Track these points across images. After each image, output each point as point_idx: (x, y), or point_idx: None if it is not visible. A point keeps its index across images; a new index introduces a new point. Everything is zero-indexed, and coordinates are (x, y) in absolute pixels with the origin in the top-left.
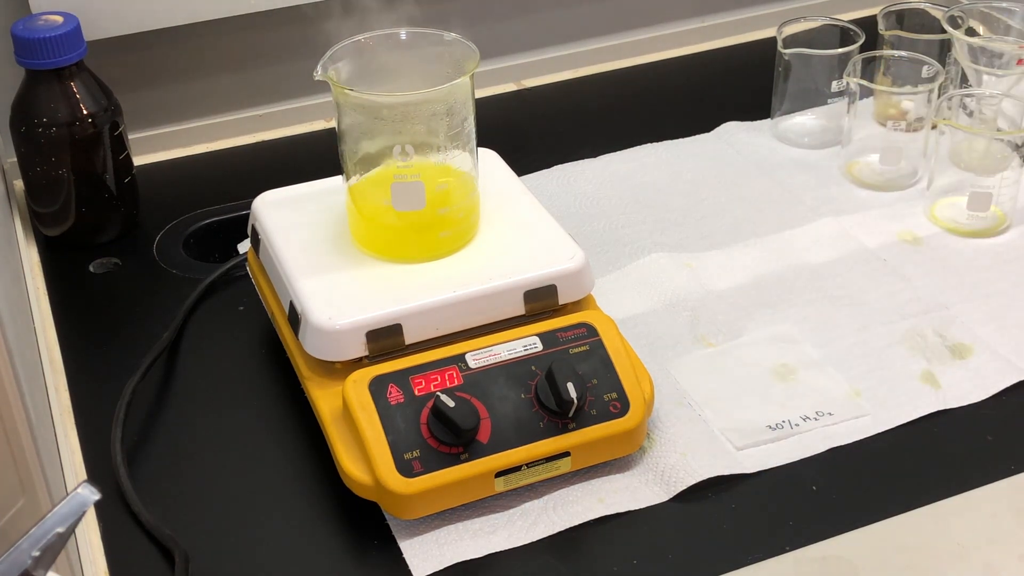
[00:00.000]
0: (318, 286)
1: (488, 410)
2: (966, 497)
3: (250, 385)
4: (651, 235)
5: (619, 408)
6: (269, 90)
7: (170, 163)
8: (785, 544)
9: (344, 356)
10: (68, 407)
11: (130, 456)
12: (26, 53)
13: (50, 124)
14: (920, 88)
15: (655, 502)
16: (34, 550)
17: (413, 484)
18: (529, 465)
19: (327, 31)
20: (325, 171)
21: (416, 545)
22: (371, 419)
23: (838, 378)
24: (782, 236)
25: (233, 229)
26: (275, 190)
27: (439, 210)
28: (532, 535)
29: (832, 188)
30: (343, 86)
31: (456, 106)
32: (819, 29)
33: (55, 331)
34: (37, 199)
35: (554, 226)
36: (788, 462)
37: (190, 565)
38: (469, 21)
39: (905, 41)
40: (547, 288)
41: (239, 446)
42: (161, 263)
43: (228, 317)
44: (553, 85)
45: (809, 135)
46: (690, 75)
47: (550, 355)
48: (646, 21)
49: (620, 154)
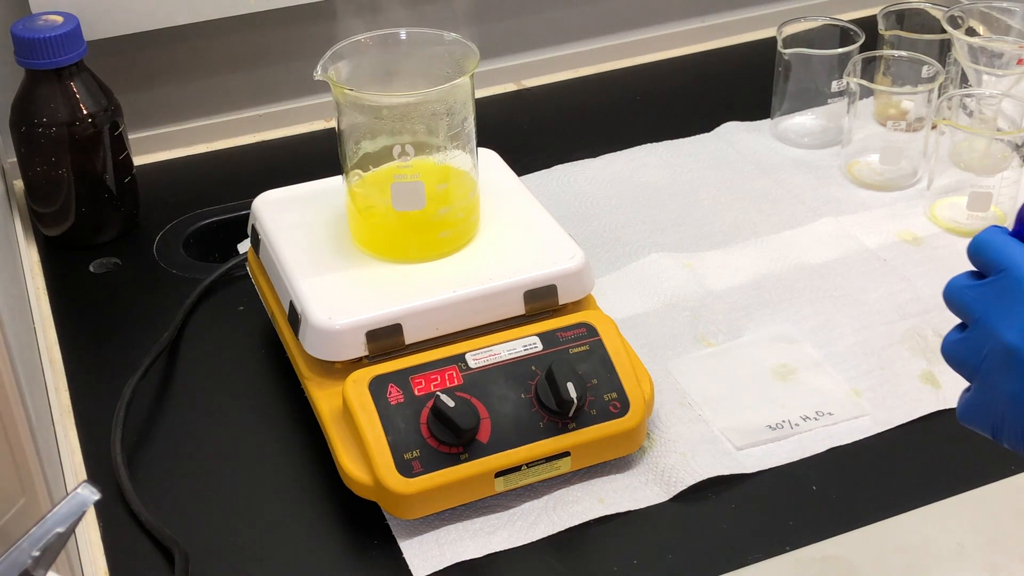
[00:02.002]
0: (318, 286)
1: (488, 410)
2: (966, 497)
3: (250, 385)
4: (651, 235)
5: (619, 408)
6: (269, 90)
7: (170, 163)
8: (785, 544)
9: (344, 356)
10: (68, 407)
11: (130, 456)
12: (26, 53)
13: (50, 124)
14: (920, 88)
15: (655, 502)
16: (34, 550)
17: (413, 484)
18: (529, 465)
19: (327, 31)
20: (325, 171)
21: (416, 545)
22: (371, 419)
23: (838, 378)
24: (782, 236)
25: (233, 229)
26: (275, 190)
27: (439, 210)
28: (532, 535)
29: (832, 188)
30: (343, 86)
31: (456, 106)
32: (819, 29)
33: (55, 331)
34: (37, 199)
35: (554, 226)
36: (788, 462)
37: (190, 565)
38: (469, 21)
39: (905, 41)
40: (547, 288)
41: (239, 446)
42: (161, 263)
43: (228, 317)
44: (553, 85)
45: (809, 135)
46: (690, 75)
47: (550, 355)
48: (646, 21)
49: (620, 154)
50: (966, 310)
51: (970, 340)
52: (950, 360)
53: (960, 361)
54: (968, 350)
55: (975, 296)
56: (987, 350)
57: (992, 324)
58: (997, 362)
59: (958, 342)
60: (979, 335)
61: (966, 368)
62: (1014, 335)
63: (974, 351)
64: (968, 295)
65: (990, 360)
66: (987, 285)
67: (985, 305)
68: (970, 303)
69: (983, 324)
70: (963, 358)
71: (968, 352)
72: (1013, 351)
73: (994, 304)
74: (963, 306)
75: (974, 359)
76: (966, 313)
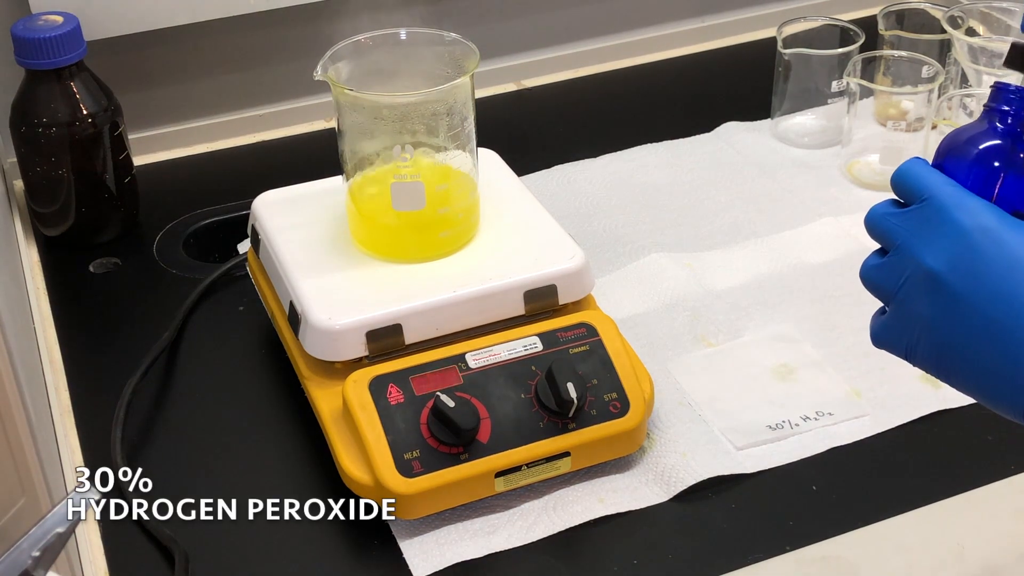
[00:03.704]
0: (318, 286)
1: (488, 410)
2: (966, 497)
3: (250, 385)
4: (651, 235)
5: (619, 408)
6: (269, 90)
7: (170, 163)
8: (785, 544)
9: (344, 356)
10: (68, 407)
11: (130, 456)
12: (26, 53)
13: (50, 124)
14: (920, 88)
15: (655, 502)
16: (34, 550)
17: (413, 484)
18: (529, 465)
19: (327, 31)
20: (325, 171)
21: (416, 545)
22: (371, 419)
23: (838, 378)
24: (782, 236)
25: (233, 229)
26: (275, 190)
27: (439, 210)
28: (532, 535)
29: (832, 188)
30: (343, 86)
31: (456, 106)
32: (819, 29)
33: (55, 331)
34: (37, 199)
35: (554, 226)
36: (788, 462)
37: (190, 565)
38: (469, 21)
39: (905, 41)
40: (547, 288)
41: (239, 446)
42: (161, 263)
43: (228, 317)
44: (553, 85)
45: (809, 135)
46: (690, 75)
47: (550, 355)
48: (646, 21)
49: (620, 154)
50: (888, 236)
51: (890, 265)
52: (868, 284)
53: (878, 285)
54: (888, 274)
55: (898, 223)
56: (907, 275)
57: (914, 250)
58: (916, 286)
59: (878, 267)
60: (900, 260)
61: (884, 292)
62: (936, 260)
63: (894, 276)
64: (890, 222)
65: (909, 284)
66: (910, 213)
67: (907, 232)
68: (892, 230)
69: (904, 250)
70: (882, 282)
71: (888, 276)
72: (934, 275)
73: (916, 231)
74: (885, 232)
75: (893, 283)
76: (888, 239)
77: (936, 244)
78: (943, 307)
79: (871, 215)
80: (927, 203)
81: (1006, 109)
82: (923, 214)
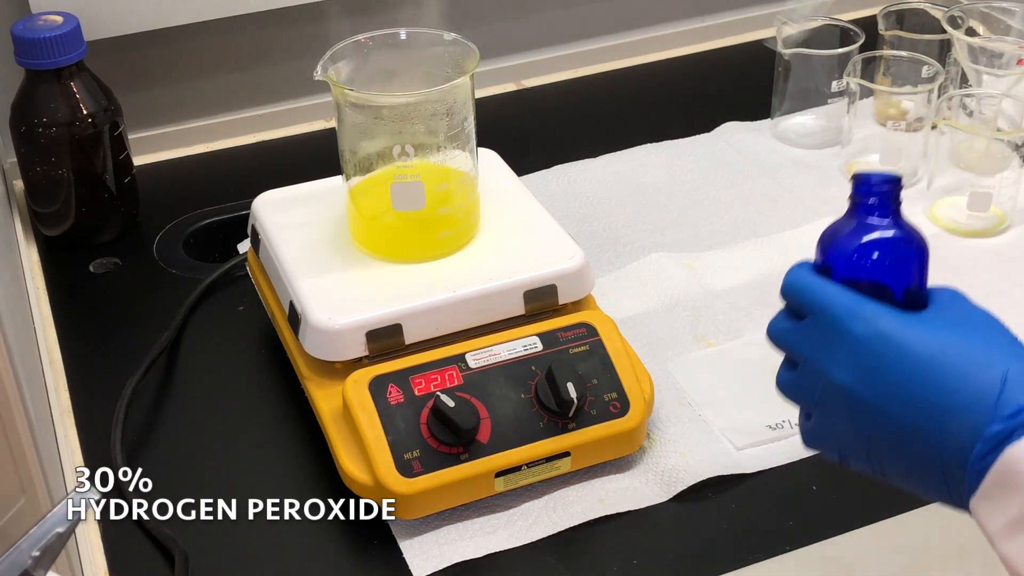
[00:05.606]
0: (318, 286)
1: (488, 410)
2: None
3: (250, 385)
4: (651, 235)
5: (619, 408)
6: (269, 90)
7: (170, 163)
8: (785, 544)
9: (344, 356)
10: (68, 407)
11: (130, 456)
12: (26, 53)
13: (50, 124)
14: (920, 88)
15: (655, 502)
16: (34, 550)
17: (413, 484)
18: (529, 465)
19: (327, 31)
20: (325, 171)
21: (416, 545)
22: (371, 419)
23: None
24: (782, 236)
25: (233, 229)
26: (275, 190)
27: (439, 210)
28: (532, 535)
29: (832, 188)
30: (343, 86)
31: (456, 106)
32: (819, 29)
33: (55, 331)
34: (37, 199)
35: (554, 226)
36: (788, 462)
37: (190, 565)
38: (469, 21)
39: (905, 41)
40: (547, 288)
41: (239, 446)
42: (161, 263)
43: (228, 317)
44: (553, 85)
45: (809, 135)
46: (690, 75)
47: (550, 355)
48: (646, 21)
49: (620, 154)
50: (792, 352)
51: (802, 379)
52: (786, 397)
53: (796, 399)
54: (802, 390)
55: (798, 339)
56: (819, 389)
57: (819, 365)
58: (832, 400)
59: (791, 381)
60: (810, 375)
61: (803, 404)
62: (842, 375)
63: (808, 390)
64: (791, 337)
65: (824, 398)
66: (807, 328)
67: (810, 347)
68: (794, 345)
69: (811, 365)
70: (798, 397)
71: (802, 391)
72: (845, 389)
73: (817, 346)
74: (788, 348)
75: (809, 397)
76: (793, 354)
77: (838, 358)
78: (861, 417)
79: (771, 331)
80: (821, 315)
81: (871, 202)
82: (819, 327)
